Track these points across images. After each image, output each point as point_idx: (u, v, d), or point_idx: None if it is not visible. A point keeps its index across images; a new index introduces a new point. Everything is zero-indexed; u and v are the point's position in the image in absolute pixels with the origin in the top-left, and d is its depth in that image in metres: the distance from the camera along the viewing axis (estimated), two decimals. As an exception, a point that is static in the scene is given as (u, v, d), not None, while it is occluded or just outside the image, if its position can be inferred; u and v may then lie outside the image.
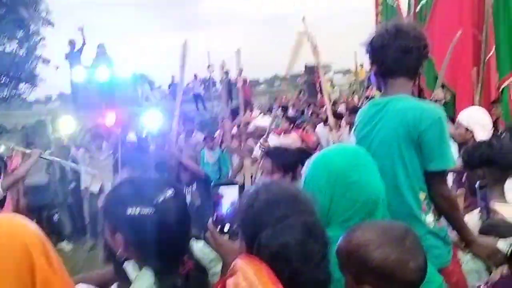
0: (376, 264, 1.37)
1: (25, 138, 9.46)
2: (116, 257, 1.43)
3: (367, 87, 16.77)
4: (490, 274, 2.07)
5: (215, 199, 1.65)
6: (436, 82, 6.82)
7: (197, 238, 1.66)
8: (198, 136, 9.03)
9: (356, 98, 14.55)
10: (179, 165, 5.78)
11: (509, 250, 1.92)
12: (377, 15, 7.93)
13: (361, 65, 15.61)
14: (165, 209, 1.37)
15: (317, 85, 14.63)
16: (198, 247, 1.61)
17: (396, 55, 2.17)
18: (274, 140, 7.04)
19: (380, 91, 2.32)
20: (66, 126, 8.06)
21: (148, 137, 8.60)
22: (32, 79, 23.82)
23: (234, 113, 9.79)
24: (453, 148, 3.58)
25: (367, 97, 9.54)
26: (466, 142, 3.81)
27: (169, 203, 1.38)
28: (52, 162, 7.77)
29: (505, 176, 2.69)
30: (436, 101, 4.94)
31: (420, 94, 6.78)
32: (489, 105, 5.96)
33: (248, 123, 8.52)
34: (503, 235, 2.12)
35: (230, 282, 1.31)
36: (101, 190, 7.57)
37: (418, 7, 7.42)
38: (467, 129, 3.94)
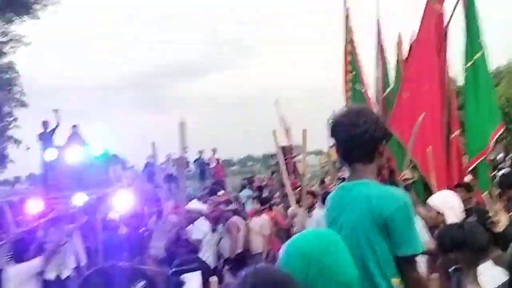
0: None
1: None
2: None
3: (339, 168, 17.01)
4: None
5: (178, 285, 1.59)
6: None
7: None
8: (171, 218, 8.91)
9: (328, 179, 14.68)
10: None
11: None
12: (346, 99, 8.22)
13: (332, 146, 15.96)
14: None
15: (290, 166, 14.76)
16: None
17: (350, 142, 2.21)
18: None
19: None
20: (34, 208, 7.87)
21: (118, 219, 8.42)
22: (1, 160, 23.48)
23: (212, 192, 9.88)
24: (423, 230, 3.60)
25: (339, 178, 9.65)
26: (437, 226, 3.83)
27: None
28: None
29: (478, 259, 2.67)
30: (405, 179, 5.02)
31: (391, 175, 6.90)
32: (454, 187, 6.08)
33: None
34: None
35: None
36: (58, 277, 7.30)
37: (386, 93, 7.74)
38: (438, 213, 3.97)
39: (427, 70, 6.98)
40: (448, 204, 4.03)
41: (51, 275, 7.49)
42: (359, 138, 2.18)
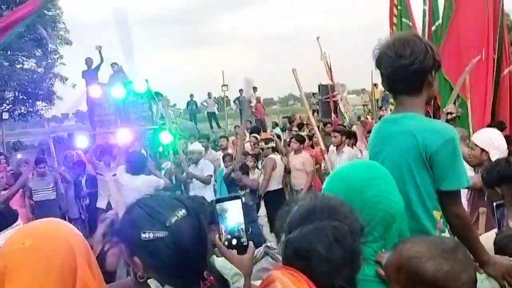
0: (429, 276, 1.38)
1: (41, 154, 9.59)
2: (137, 275, 1.43)
3: (381, 108, 16.73)
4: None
5: (219, 213, 1.65)
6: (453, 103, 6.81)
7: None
8: (213, 155, 9.11)
9: (369, 118, 14.51)
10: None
11: None
12: (391, 34, 7.95)
13: (375, 85, 15.63)
14: (179, 231, 1.36)
15: (331, 105, 14.62)
16: (219, 263, 1.61)
17: (396, 73, 2.13)
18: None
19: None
20: (82, 143, 8.17)
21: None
22: (49, 97, 24.17)
23: (253, 131, 10.04)
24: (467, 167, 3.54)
25: (380, 118, 9.50)
26: (481, 164, 3.77)
27: (182, 223, 1.37)
28: (57, 179, 7.91)
29: None
30: (448, 114, 4.87)
31: (436, 113, 6.76)
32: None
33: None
34: None
35: None
36: (109, 206, 7.63)
37: (433, 27, 7.43)
38: (482, 151, 3.89)
39: (479, 4, 6.63)
40: (494, 143, 3.93)
41: (102, 204, 7.86)
42: (405, 69, 2.09)
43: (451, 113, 4.83)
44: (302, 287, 1.30)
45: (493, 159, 3.78)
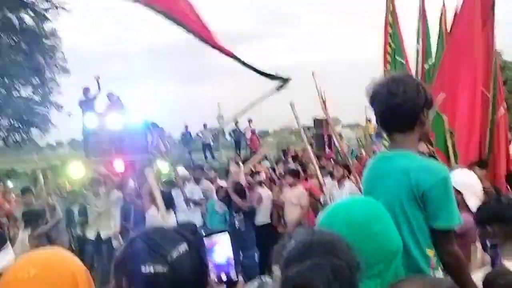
0: None
1: (34, 183, 9.53)
2: None
3: (374, 142, 16.81)
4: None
5: (208, 247, 1.64)
6: (445, 140, 6.89)
7: None
8: (206, 184, 9.12)
9: (364, 153, 14.58)
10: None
11: None
12: (386, 72, 8.07)
13: (369, 120, 15.75)
14: (179, 266, 1.34)
15: (325, 138, 14.73)
16: None
17: (390, 111, 2.17)
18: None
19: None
20: (76, 171, 8.15)
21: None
22: (44, 125, 24.19)
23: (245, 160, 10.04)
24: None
25: (373, 152, 9.54)
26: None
27: (183, 259, 1.36)
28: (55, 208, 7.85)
29: None
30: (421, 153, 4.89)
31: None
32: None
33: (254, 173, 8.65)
34: (507, 284, 2.14)
35: None
36: (98, 237, 7.60)
37: (426, 66, 7.55)
38: (457, 192, 3.91)
39: (471, 43, 6.77)
40: (467, 184, 3.96)
41: (90, 235, 7.79)
42: (398, 108, 2.14)
43: (422, 153, 4.84)
44: None
45: (467, 199, 3.82)
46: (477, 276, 2.41)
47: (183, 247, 1.37)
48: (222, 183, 8.93)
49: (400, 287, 1.50)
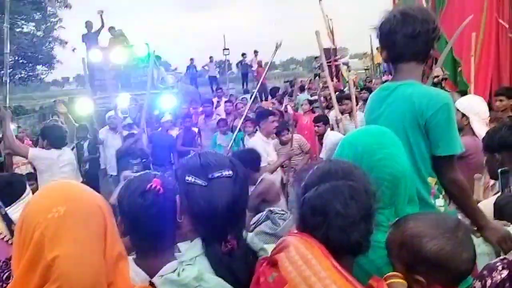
0: (430, 255, 1.42)
1: (42, 119, 9.57)
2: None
3: (384, 72, 16.61)
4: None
5: None
6: (454, 67, 6.79)
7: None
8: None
9: (373, 82, 14.44)
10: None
11: None
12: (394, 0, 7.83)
13: (377, 49, 15.45)
14: (216, 187, 1.48)
15: (333, 69, 14.51)
16: (248, 236, 1.66)
17: (403, 41, 2.15)
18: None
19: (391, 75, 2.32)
20: (83, 107, 8.13)
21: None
22: (49, 61, 24.01)
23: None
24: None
25: (383, 82, 9.45)
26: (461, 129, 3.78)
27: (222, 182, 1.49)
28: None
29: None
30: (435, 77, 4.85)
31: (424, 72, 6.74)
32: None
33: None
34: None
35: (281, 256, 1.35)
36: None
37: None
38: (463, 116, 3.90)
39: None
40: (474, 109, 3.97)
41: (113, 171, 7.88)
42: (415, 37, 2.13)
43: (437, 76, 4.81)
44: (316, 253, 1.32)
45: (473, 124, 3.84)
46: (484, 203, 2.43)
47: (227, 172, 1.51)
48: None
49: (406, 225, 1.53)
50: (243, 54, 21.88)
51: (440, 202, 2.12)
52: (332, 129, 7.61)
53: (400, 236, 1.52)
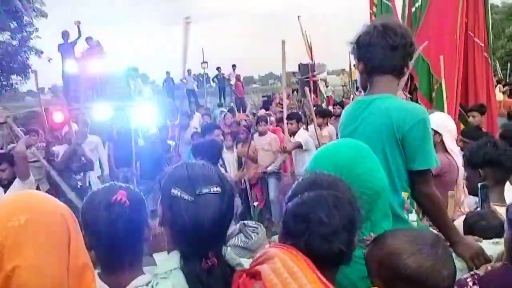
0: (410, 272, 1.41)
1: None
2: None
3: (357, 89, 16.82)
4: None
5: None
6: (430, 84, 6.89)
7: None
8: (193, 131, 9.08)
9: (351, 98, 14.59)
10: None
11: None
12: (371, 15, 7.93)
13: (355, 65, 15.67)
14: (203, 203, 1.41)
15: (311, 84, 14.60)
16: (227, 252, 1.62)
17: (382, 52, 2.17)
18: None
19: (365, 90, 2.31)
20: (58, 118, 7.99)
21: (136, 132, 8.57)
22: (24, 71, 23.65)
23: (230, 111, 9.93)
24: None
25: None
26: (434, 145, 3.85)
27: (210, 199, 1.42)
28: None
29: (506, 177, 2.73)
30: None
31: (412, 95, 6.84)
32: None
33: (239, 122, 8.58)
34: (488, 226, 2.18)
35: (265, 268, 1.31)
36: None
37: (413, 9, 7.43)
38: (435, 132, 3.97)
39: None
40: (447, 126, 4.07)
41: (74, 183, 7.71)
42: (392, 50, 2.16)
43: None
44: (302, 266, 1.30)
45: (446, 141, 3.96)
46: (459, 221, 2.44)
47: (215, 189, 1.44)
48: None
49: (384, 242, 1.52)
50: (217, 68, 21.96)
51: (413, 217, 2.13)
52: (307, 127, 7.65)
53: (378, 253, 1.50)
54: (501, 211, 2.30)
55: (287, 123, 6.98)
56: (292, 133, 7.13)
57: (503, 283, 1.48)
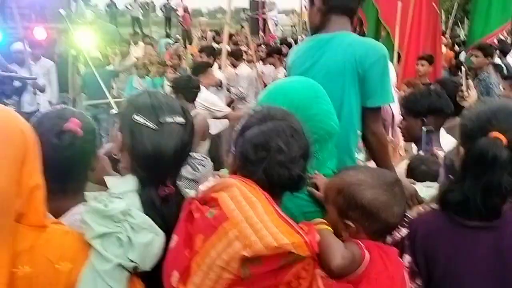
0: (365, 203, 1.49)
1: None
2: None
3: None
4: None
5: None
6: (377, 31, 6.99)
7: None
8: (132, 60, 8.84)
9: (299, 39, 14.54)
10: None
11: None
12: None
13: (305, 6, 15.49)
14: (166, 132, 1.42)
15: (260, 22, 14.44)
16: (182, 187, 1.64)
17: None
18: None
19: (315, 30, 2.26)
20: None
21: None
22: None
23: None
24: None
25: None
26: None
27: (173, 128, 1.44)
28: None
29: (442, 124, 2.89)
30: None
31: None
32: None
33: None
34: (428, 171, 2.31)
35: (223, 195, 1.32)
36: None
37: None
38: None
39: None
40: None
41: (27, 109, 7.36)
42: None
43: None
44: (260, 198, 1.32)
45: None
46: (401, 165, 2.57)
47: (179, 119, 1.46)
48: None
49: (346, 173, 1.61)
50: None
51: (361, 156, 2.18)
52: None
53: (339, 182, 1.58)
54: (442, 154, 2.44)
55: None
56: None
57: (428, 227, 1.58)
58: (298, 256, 1.26)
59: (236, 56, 7.99)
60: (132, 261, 1.27)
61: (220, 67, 7.13)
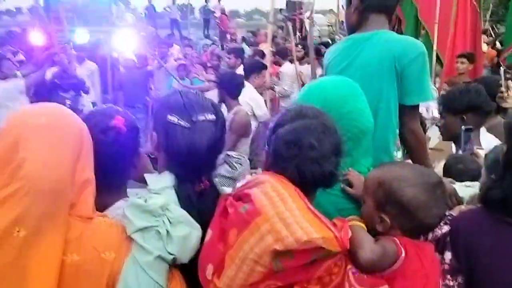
0: (404, 200, 1.49)
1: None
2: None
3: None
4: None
5: None
6: (417, 30, 6.88)
7: None
8: (172, 62, 8.95)
9: (336, 38, 14.42)
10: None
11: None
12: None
13: (342, 6, 15.37)
14: (199, 130, 1.47)
15: (297, 22, 14.36)
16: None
17: None
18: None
19: (352, 30, 2.27)
20: (36, 39, 7.76)
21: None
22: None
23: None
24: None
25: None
26: None
27: (206, 126, 1.48)
28: None
29: (483, 122, 2.83)
30: None
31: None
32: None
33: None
34: (465, 170, 2.27)
35: (255, 191, 1.35)
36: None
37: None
38: None
39: None
40: None
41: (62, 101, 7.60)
42: None
43: None
44: (292, 193, 1.34)
45: None
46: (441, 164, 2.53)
47: (210, 117, 1.51)
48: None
49: (391, 167, 1.62)
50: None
51: (399, 154, 2.17)
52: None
53: (382, 174, 1.58)
54: (482, 153, 2.39)
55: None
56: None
57: (470, 224, 1.56)
58: (330, 252, 1.27)
59: (282, 55, 8.04)
60: (171, 254, 1.32)
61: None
